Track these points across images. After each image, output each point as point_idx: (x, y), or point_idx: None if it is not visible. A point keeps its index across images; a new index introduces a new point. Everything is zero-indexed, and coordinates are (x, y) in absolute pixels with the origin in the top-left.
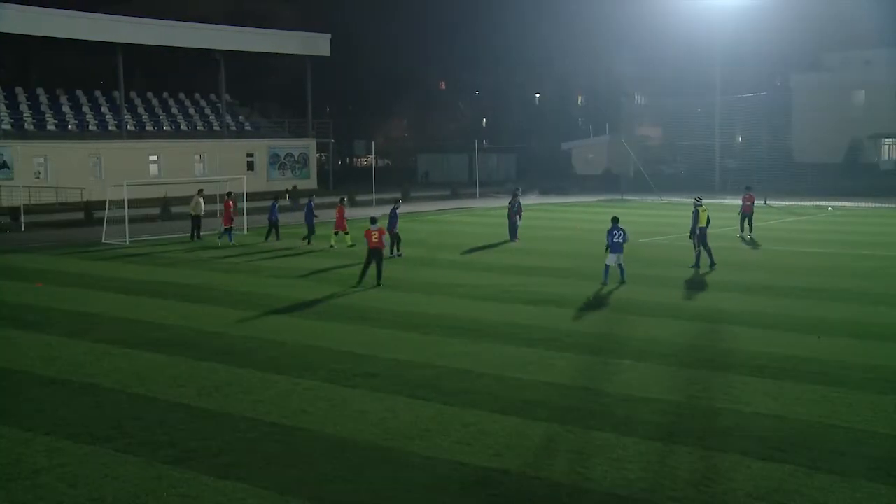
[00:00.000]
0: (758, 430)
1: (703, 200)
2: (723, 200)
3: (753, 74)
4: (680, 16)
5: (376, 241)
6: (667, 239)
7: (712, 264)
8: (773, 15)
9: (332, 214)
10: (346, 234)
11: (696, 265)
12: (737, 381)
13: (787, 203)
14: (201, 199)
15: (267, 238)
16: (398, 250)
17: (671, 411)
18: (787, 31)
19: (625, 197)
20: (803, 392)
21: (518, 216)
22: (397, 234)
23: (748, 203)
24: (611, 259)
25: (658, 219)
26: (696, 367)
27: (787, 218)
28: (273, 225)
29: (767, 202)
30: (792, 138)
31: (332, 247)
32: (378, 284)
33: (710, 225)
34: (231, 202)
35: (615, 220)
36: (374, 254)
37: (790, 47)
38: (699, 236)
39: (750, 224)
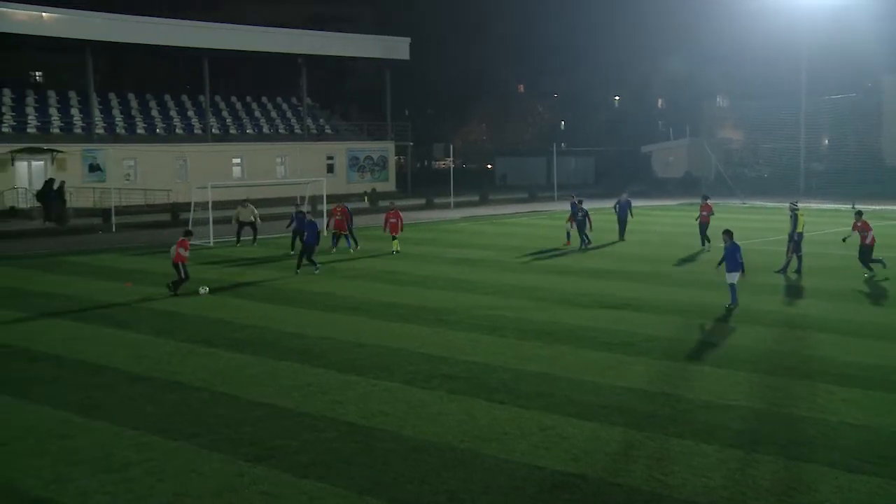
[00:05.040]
0: (844, 440)
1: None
2: (808, 205)
3: (842, 75)
4: (765, 16)
5: None
6: (749, 243)
7: (798, 270)
8: (863, 14)
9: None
10: (348, 236)
11: (783, 270)
12: (821, 389)
13: (877, 207)
14: (244, 209)
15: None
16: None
17: (753, 419)
18: (877, 31)
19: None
20: (895, 403)
21: (582, 223)
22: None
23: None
24: (733, 277)
25: (741, 223)
26: (777, 375)
27: (877, 223)
28: None
29: (855, 206)
30: (882, 141)
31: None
32: None
33: (804, 230)
34: (344, 208)
35: (728, 233)
36: None
37: (881, 47)
38: (796, 242)
39: None
